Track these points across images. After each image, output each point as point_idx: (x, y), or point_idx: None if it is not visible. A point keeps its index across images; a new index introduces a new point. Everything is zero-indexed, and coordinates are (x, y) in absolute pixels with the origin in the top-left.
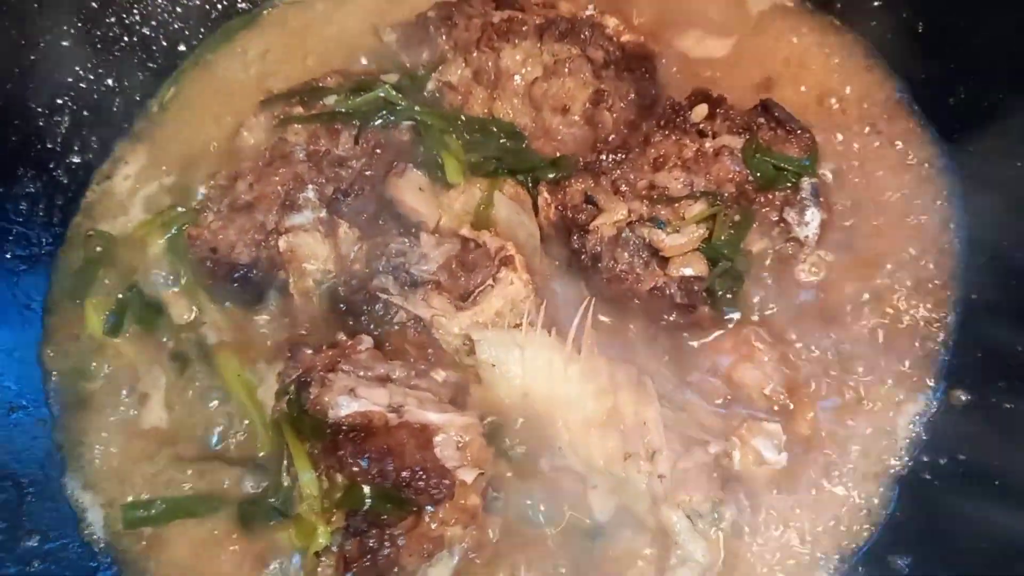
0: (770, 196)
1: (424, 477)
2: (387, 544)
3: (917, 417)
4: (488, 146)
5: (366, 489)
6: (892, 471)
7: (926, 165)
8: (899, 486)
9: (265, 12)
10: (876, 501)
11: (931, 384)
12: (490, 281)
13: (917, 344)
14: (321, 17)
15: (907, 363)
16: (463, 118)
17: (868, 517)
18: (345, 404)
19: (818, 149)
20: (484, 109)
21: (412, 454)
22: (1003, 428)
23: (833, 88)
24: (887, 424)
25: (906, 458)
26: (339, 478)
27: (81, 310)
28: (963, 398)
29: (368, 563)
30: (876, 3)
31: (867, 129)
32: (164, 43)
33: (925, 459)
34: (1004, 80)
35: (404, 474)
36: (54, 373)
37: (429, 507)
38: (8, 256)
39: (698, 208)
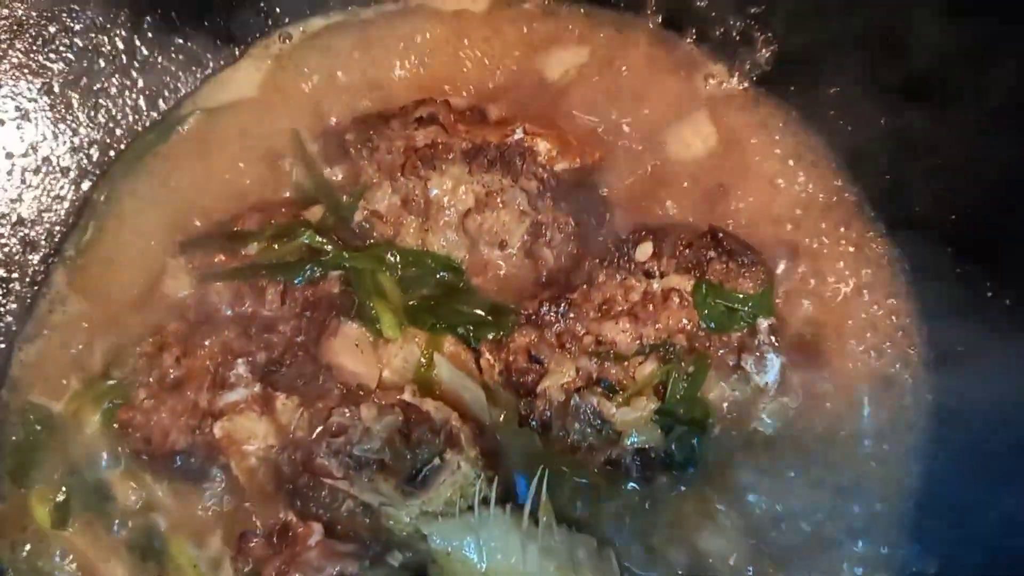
0: (725, 339)
1: None
2: None
3: None
4: (425, 282)
5: None
6: None
7: (893, 292)
8: None
9: (179, 127)
10: None
11: (901, 555)
12: (436, 460)
13: (884, 509)
14: (241, 126)
15: (875, 532)
16: (396, 253)
17: None
18: None
19: (774, 280)
20: (417, 241)
21: None
22: None
23: (789, 197)
24: None
25: None
26: None
27: (28, 497)
28: (932, 572)
29: None
30: (833, 90)
31: (824, 242)
32: (74, 173)
33: None
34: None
35: None
36: (9, 572)
37: None
38: None
39: (649, 368)
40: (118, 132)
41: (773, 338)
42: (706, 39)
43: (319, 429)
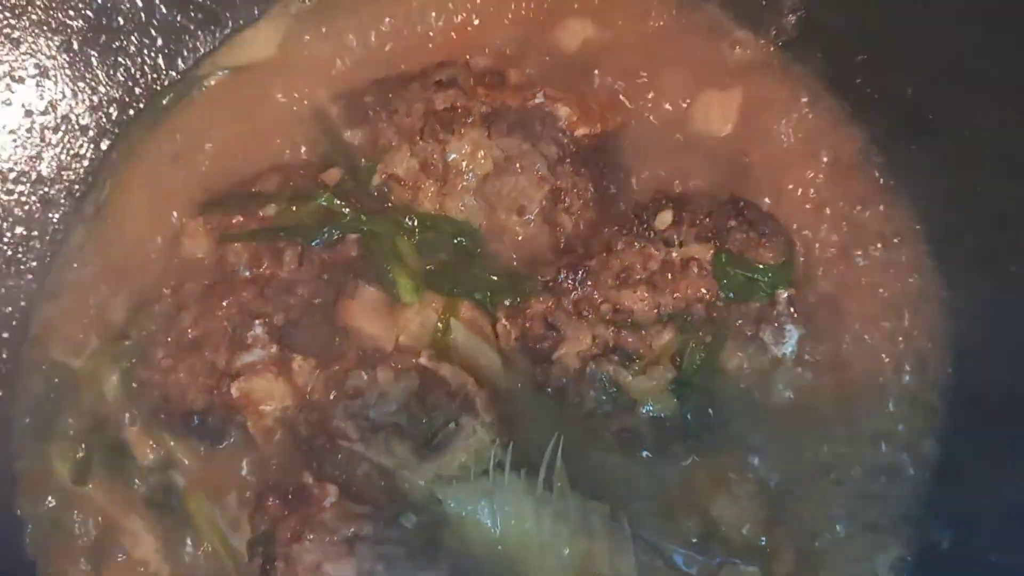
0: (744, 309)
1: None
2: None
3: (899, 562)
4: (443, 247)
5: None
6: None
7: (915, 266)
8: None
9: (198, 86)
10: None
11: (914, 526)
12: (452, 424)
13: (898, 479)
14: (260, 86)
15: (888, 502)
16: (414, 217)
17: None
18: None
19: (795, 251)
20: (435, 205)
21: None
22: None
23: (812, 168)
24: (868, 570)
25: None
26: None
27: (48, 453)
28: (946, 544)
29: None
30: (861, 58)
31: (846, 215)
32: (93, 131)
33: None
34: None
35: None
36: (29, 524)
37: None
38: None
39: (666, 337)
40: (137, 91)
41: (792, 309)
42: (731, 3)
43: (335, 391)
